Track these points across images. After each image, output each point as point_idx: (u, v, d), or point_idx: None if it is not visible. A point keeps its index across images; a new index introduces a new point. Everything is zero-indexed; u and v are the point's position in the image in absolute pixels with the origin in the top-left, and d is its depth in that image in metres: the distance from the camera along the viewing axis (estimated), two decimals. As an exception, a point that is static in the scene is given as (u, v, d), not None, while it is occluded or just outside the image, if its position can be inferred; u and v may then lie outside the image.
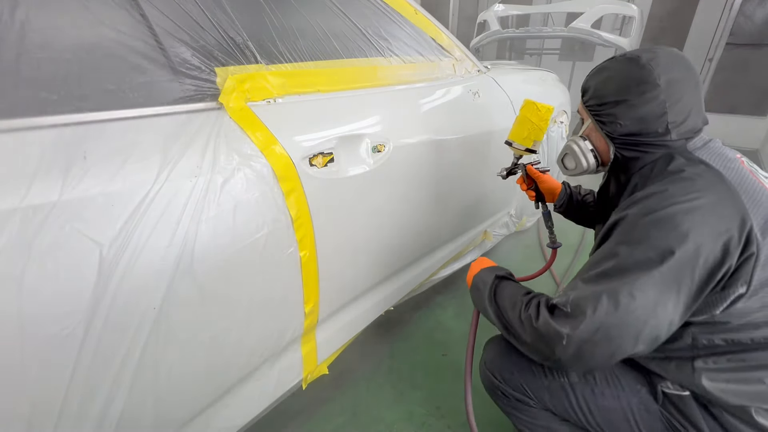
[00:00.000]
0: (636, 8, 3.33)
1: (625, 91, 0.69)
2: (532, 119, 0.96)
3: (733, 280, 0.59)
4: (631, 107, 0.69)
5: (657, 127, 0.68)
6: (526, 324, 0.66)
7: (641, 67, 0.67)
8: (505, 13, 3.78)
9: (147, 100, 0.61)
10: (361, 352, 1.36)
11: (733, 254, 0.57)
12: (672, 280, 0.57)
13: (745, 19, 3.62)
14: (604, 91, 0.72)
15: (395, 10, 1.13)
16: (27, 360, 0.48)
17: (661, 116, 0.67)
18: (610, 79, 0.72)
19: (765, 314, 0.61)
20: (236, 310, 0.72)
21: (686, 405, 0.67)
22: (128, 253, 0.54)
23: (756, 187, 0.61)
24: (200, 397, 0.73)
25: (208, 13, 0.70)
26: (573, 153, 0.81)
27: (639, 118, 0.69)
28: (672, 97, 0.66)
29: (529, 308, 0.67)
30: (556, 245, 1.08)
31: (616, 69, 0.71)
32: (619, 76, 0.70)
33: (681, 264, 0.57)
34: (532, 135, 0.97)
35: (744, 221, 0.57)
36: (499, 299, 0.74)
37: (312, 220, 0.80)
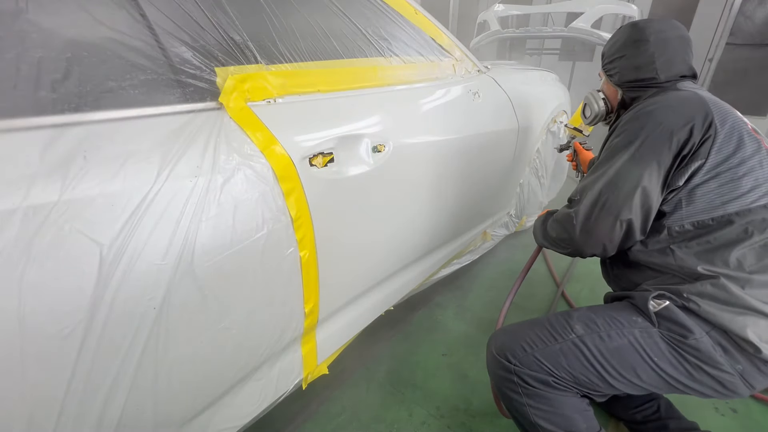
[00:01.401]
0: (636, 8, 3.33)
1: (625, 48, 0.93)
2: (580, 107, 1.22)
3: (695, 156, 0.74)
4: (628, 59, 0.92)
5: (649, 73, 0.89)
6: (553, 223, 0.92)
7: (637, 30, 0.90)
8: (505, 13, 3.78)
9: (147, 100, 0.61)
10: (361, 352, 1.36)
11: (695, 135, 0.74)
12: (651, 154, 0.75)
13: (745, 19, 3.63)
14: (612, 51, 0.97)
15: (395, 10, 1.13)
16: (27, 360, 0.48)
17: (651, 64, 0.88)
18: (616, 42, 0.96)
19: (720, 194, 0.74)
20: (236, 310, 0.72)
21: (672, 312, 0.74)
22: (128, 254, 0.54)
23: (723, 104, 0.80)
24: (200, 397, 0.73)
25: (208, 13, 0.70)
26: (589, 102, 1.07)
27: (635, 67, 0.91)
28: (659, 50, 0.87)
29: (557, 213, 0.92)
30: None
31: (621, 34, 0.95)
32: (622, 38, 0.94)
33: (655, 142, 0.75)
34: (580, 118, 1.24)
35: (707, 114, 0.75)
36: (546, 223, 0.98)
37: (312, 220, 0.80)
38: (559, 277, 1.80)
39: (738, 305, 0.69)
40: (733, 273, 0.71)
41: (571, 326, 0.80)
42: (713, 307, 0.71)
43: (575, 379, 0.78)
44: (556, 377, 0.78)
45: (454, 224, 1.42)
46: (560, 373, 0.78)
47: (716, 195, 0.74)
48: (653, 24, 0.89)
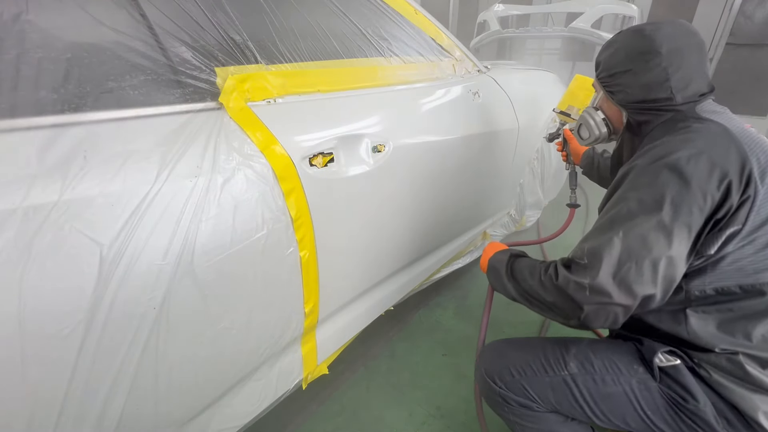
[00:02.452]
0: (636, 8, 3.33)
1: (630, 61, 0.74)
2: (572, 88, 1.16)
3: (730, 221, 0.62)
4: (635, 75, 0.73)
5: (662, 93, 0.71)
6: (548, 285, 0.69)
7: (644, 38, 0.72)
8: (505, 13, 3.78)
9: (147, 100, 0.61)
10: (361, 352, 1.36)
11: (733, 196, 0.60)
12: (678, 219, 0.61)
13: (745, 19, 3.63)
14: (612, 62, 0.77)
15: (395, 10, 1.13)
16: (27, 360, 0.48)
17: (665, 82, 0.70)
18: (617, 51, 0.77)
19: (754, 261, 0.63)
20: (236, 310, 0.72)
21: (680, 373, 0.68)
22: (129, 253, 0.54)
23: (757, 137, 0.66)
24: (200, 397, 0.73)
25: (208, 13, 0.70)
26: (586, 123, 0.89)
27: (644, 85, 0.73)
28: (674, 64, 0.70)
29: (548, 271, 0.70)
30: (575, 205, 1.22)
31: (623, 42, 0.76)
32: (626, 48, 0.75)
33: (685, 204, 0.61)
34: (568, 100, 1.18)
35: (743, 165, 0.61)
36: (517, 273, 0.78)
37: (312, 220, 0.80)
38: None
39: (754, 384, 0.64)
40: (753, 351, 0.64)
41: (565, 362, 0.76)
42: (726, 380, 0.65)
43: (559, 410, 0.77)
44: (540, 405, 0.78)
45: (454, 224, 1.42)
46: (545, 404, 0.78)
47: (749, 262, 0.63)
48: (663, 30, 0.71)
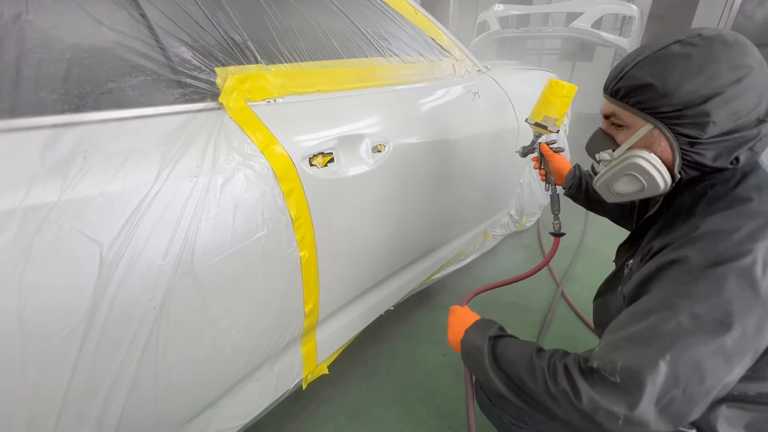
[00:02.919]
0: (636, 8, 3.33)
1: (717, 81, 0.52)
2: (547, 95, 0.99)
3: None
4: (726, 101, 0.52)
5: (749, 120, 0.54)
6: (563, 401, 0.54)
7: (731, 47, 0.53)
8: (505, 13, 3.78)
9: (147, 100, 0.61)
10: (361, 351, 1.36)
11: None
12: (744, 343, 0.47)
13: (745, 19, 3.63)
14: (685, 85, 0.54)
15: (395, 10, 1.13)
16: (27, 360, 0.48)
17: (756, 106, 0.53)
18: (690, 69, 0.53)
19: None
20: (236, 310, 0.72)
21: None
22: (128, 253, 0.54)
23: None
24: (200, 396, 0.73)
25: (208, 13, 0.70)
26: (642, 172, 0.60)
27: (734, 113, 0.53)
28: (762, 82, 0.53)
29: (558, 378, 0.55)
30: (560, 233, 1.04)
31: (697, 54, 0.53)
32: (705, 63, 0.53)
33: (755, 325, 0.47)
34: (543, 110, 1.00)
35: None
36: (506, 366, 0.62)
37: (312, 220, 0.80)
38: (559, 277, 1.80)
39: None
40: None
41: None
42: None
43: None
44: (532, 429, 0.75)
45: (455, 224, 1.42)
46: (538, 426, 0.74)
47: None
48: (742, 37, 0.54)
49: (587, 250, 2.04)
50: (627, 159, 0.61)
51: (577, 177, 1.03)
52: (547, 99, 0.99)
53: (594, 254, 2.00)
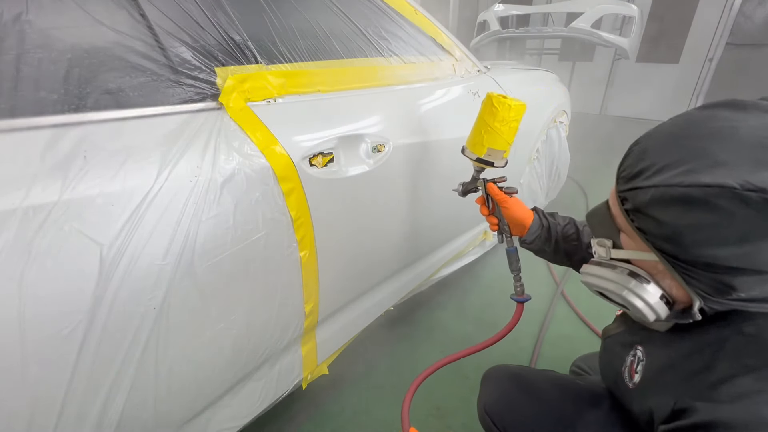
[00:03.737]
0: (636, 8, 3.33)
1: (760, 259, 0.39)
2: (488, 119, 0.74)
3: None
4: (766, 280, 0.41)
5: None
6: None
7: None
8: (505, 13, 3.78)
9: (147, 100, 0.61)
10: (361, 351, 1.36)
11: None
12: None
13: (745, 19, 3.63)
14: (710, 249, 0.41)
15: (395, 10, 1.13)
16: (27, 360, 0.48)
17: None
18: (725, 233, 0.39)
19: None
20: (236, 311, 0.72)
21: None
22: (128, 253, 0.54)
23: None
24: (200, 396, 0.73)
25: (208, 13, 0.70)
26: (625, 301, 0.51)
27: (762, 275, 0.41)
28: None
29: None
30: (524, 299, 0.86)
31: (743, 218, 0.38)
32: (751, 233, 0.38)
33: None
34: (486, 140, 0.75)
35: None
36: None
37: (312, 220, 0.80)
38: (558, 276, 1.80)
39: None
40: None
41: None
42: None
43: None
44: None
45: (455, 224, 1.42)
46: None
47: None
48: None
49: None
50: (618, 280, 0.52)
51: (545, 228, 0.85)
52: (489, 126, 0.75)
53: (594, 254, 2.00)
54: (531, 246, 0.87)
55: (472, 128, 0.80)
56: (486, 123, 0.75)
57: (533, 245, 0.87)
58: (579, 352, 1.23)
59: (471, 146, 0.80)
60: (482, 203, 0.89)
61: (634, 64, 5.10)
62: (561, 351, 1.38)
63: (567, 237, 0.83)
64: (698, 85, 4.69)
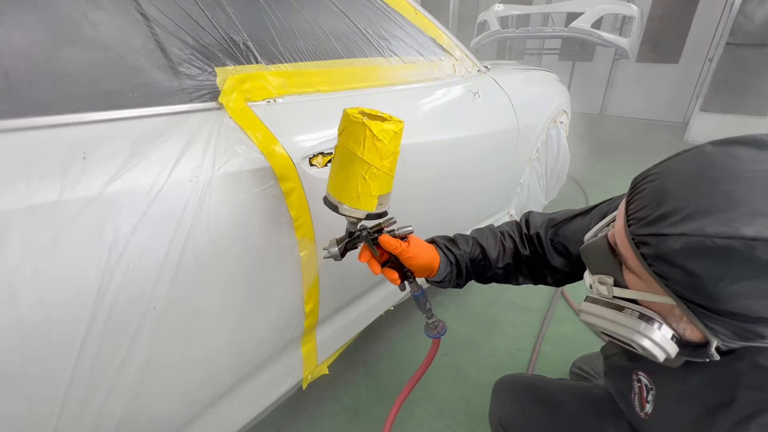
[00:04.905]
0: (636, 8, 3.33)
1: None
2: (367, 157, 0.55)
3: None
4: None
5: None
6: None
7: None
8: (505, 13, 3.78)
9: (147, 100, 0.61)
10: (361, 352, 1.36)
11: None
12: None
13: (745, 19, 3.62)
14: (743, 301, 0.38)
15: (395, 10, 1.13)
16: (27, 360, 0.48)
17: None
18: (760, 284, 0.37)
19: None
20: (236, 311, 0.72)
21: None
22: (128, 254, 0.54)
23: None
24: (200, 397, 0.73)
25: (208, 13, 0.70)
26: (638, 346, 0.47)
27: None
28: None
29: None
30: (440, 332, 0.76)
31: None
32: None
33: None
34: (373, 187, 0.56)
35: None
36: None
37: (312, 220, 0.80)
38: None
39: None
40: None
41: None
42: None
43: None
44: None
45: (454, 224, 1.42)
46: None
47: None
48: None
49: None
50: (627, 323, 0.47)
51: (454, 264, 0.78)
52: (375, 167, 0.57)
53: (594, 254, 2.00)
54: (440, 284, 0.80)
55: (337, 173, 0.61)
56: (367, 164, 0.56)
57: (443, 284, 0.79)
58: (579, 352, 1.23)
59: (350, 201, 0.58)
60: (368, 260, 0.72)
61: (634, 64, 5.11)
62: (561, 351, 1.38)
63: (474, 261, 0.78)
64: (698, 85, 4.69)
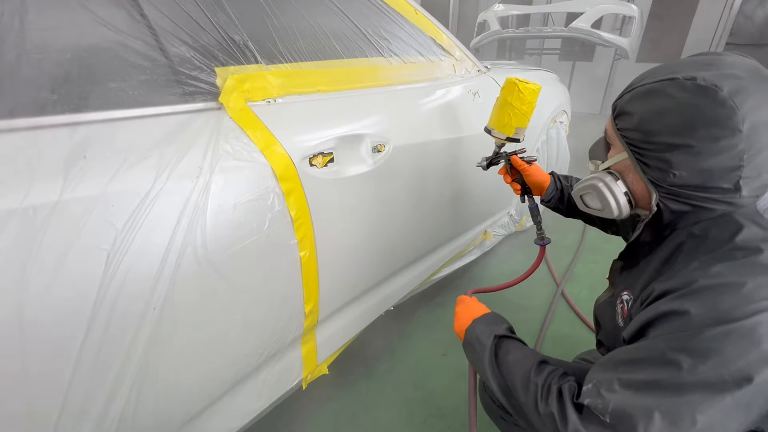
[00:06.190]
0: (636, 8, 3.33)
1: (689, 134, 0.51)
2: (514, 103, 0.84)
3: None
4: (694, 156, 0.51)
5: (723, 183, 0.51)
6: (548, 422, 0.55)
7: (720, 104, 0.49)
8: (505, 13, 3.78)
9: (147, 100, 0.61)
10: (361, 352, 1.36)
11: None
12: (745, 404, 0.46)
13: (745, 19, 3.63)
14: (657, 126, 0.53)
15: (395, 10, 1.13)
16: (27, 360, 0.48)
17: (734, 170, 0.50)
18: (668, 112, 0.52)
19: None
20: (236, 311, 0.72)
21: None
22: (128, 254, 0.54)
23: None
24: (200, 397, 0.73)
25: (208, 13, 0.70)
26: (599, 194, 0.63)
27: (702, 170, 0.52)
28: (754, 146, 0.49)
29: (549, 399, 0.56)
30: (545, 242, 1.02)
31: (681, 100, 0.51)
32: (684, 112, 0.51)
33: (760, 388, 0.45)
34: (514, 121, 0.86)
35: None
36: (504, 369, 0.64)
37: (312, 220, 0.80)
38: (559, 276, 1.80)
39: None
40: None
41: None
42: None
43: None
44: None
45: (455, 224, 1.42)
46: None
47: None
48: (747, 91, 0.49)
49: (587, 250, 2.04)
50: (595, 178, 0.65)
51: (558, 189, 1.01)
52: (516, 108, 0.86)
53: (594, 253, 2.00)
54: (548, 204, 1.02)
55: (495, 111, 0.90)
56: (513, 106, 0.86)
57: (550, 203, 1.02)
58: (579, 351, 1.23)
59: (498, 127, 0.90)
60: (505, 173, 1.04)
61: (634, 64, 5.10)
62: (561, 350, 1.38)
63: None
64: (698, 85, 4.68)
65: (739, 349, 0.45)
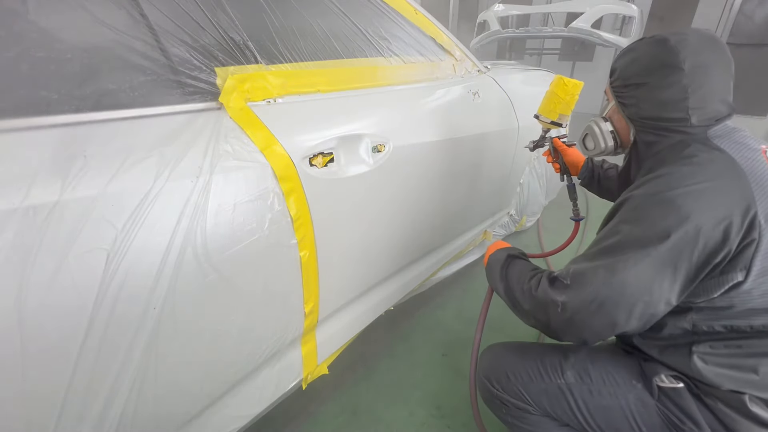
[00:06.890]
0: (636, 8, 3.34)
1: (647, 74, 0.69)
2: (559, 93, 1.03)
3: (731, 266, 0.59)
4: (652, 90, 0.69)
5: (676, 113, 0.67)
6: (527, 293, 0.72)
7: (667, 50, 0.66)
8: (505, 13, 3.79)
9: (147, 100, 0.61)
10: (361, 352, 1.36)
11: (732, 240, 0.57)
12: (669, 260, 0.59)
13: (745, 19, 3.63)
14: (628, 72, 0.73)
15: (395, 10, 1.13)
16: (27, 360, 0.48)
17: (682, 101, 0.66)
18: (635, 61, 0.71)
19: (765, 302, 0.60)
20: (236, 311, 0.72)
21: (681, 397, 0.67)
22: (128, 254, 0.54)
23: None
24: (200, 397, 0.73)
25: (208, 13, 0.70)
26: (592, 133, 0.84)
27: (659, 102, 0.68)
28: (695, 82, 0.65)
29: (531, 280, 0.72)
30: (580, 218, 1.14)
31: (643, 50, 0.71)
32: (645, 58, 0.70)
33: (679, 245, 0.58)
34: (558, 108, 1.03)
35: (748, 207, 0.57)
36: (509, 275, 0.79)
37: (312, 220, 0.80)
38: (559, 277, 1.80)
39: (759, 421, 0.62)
40: (760, 392, 0.62)
41: (562, 370, 0.77)
42: (731, 411, 0.64)
43: (554, 416, 0.78)
44: (536, 409, 0.79)
45: (455, 224, 1.42)
46: (540, 408, 0.78)
47: (761, 303, 0.61)
48: (689, 41, 0.65)
49: (587, 250, 2.04)
50: (590, 123, 0.85)
51: (590, 168, 1.14)
52: (559, 97, 1.04)
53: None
54: (583, 182, 1.16)
55: (544, 100, 1.06)
56: (559, 97, 1.03)
57: (584, 181, 1.15)
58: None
59: (545, 113, 1.07)
60: (548, 154, 1.18)
61: (634, 64, 5.10)
62: (561, 351, 1.38)
63: (608, 177, 1.11)
64: (698, 85, 4.68)
65: (661, 213, 0.60)
